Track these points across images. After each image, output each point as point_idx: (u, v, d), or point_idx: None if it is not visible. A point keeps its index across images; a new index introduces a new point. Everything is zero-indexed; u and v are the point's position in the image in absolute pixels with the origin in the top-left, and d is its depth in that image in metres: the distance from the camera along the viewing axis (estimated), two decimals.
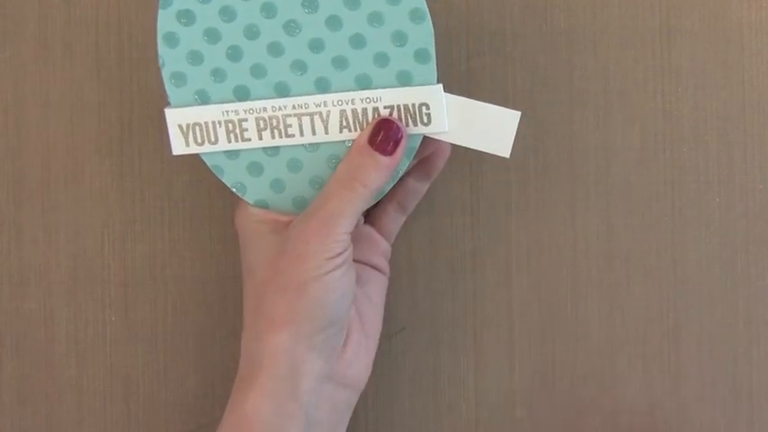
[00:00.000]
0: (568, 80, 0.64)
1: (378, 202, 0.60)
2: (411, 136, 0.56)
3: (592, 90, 0.64)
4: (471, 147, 0.57)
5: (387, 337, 0.64)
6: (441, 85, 0.56)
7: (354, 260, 0.57)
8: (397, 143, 0.56)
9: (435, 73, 0.56)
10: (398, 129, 0.56)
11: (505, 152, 0.56)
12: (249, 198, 0.58)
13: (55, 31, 0.65)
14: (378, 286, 0.61)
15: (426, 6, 0.55)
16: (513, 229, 0.65)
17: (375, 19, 0.55)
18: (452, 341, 0.65)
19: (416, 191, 0.61)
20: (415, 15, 0.55)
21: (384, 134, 0.56)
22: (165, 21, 0.56)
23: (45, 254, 0.65)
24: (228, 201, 0.64)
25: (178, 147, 0.57)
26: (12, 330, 0.65)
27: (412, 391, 0.65)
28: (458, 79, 0.64)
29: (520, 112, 0.56)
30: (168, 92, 0.57)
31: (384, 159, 0.55)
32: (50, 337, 0.65)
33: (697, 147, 0.64)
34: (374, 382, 0.62)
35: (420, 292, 0.65)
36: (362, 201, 0.55)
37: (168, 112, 0.57)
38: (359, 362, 0.58)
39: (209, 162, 0.58)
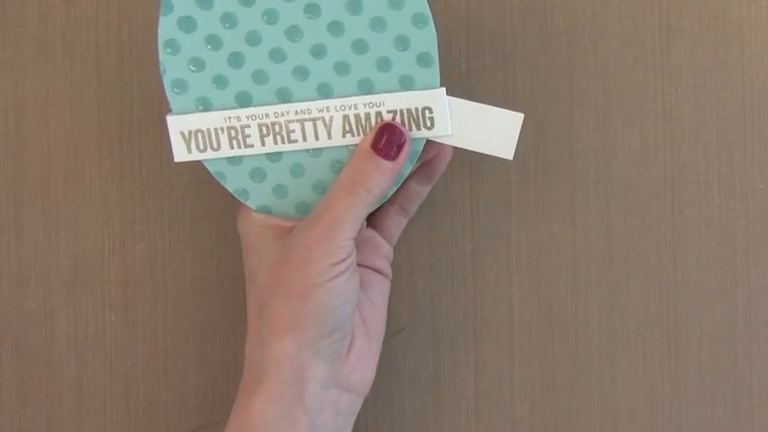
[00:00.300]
0: (568, 80, 0.64)
1: (380, 206, 0.60)
2: (414, 140, 0.56)
3: (592, 90, 0.64)
4: (474, 149, 0.57)
5: (387, 337, 0.64)
6: (444, 89, 0.56)
7: (357, 264, 0.57)
8: (400, 147, 0.56)
9: (438, 76, 0.56)
10: (401, 133, 0.56)
11: (509, 154, 0.56)
12: (252, 204, 0.58)
13: (55, 31, 0.65)
14: (380, 290, 0.60)
15: (429, 11, 0.55)
16: (513, 229, 0.65)
17: (377, 24, 0.55)
18: (452, 341, 0.65)
19: (418, 193, 0.61)
20: (417, 20, 0.55)
21: (387, 138, 0.56)
22: (167, 27, 0.56)
23: (45, 254, 0.65)
24: (229, 201, 0.64)
25: (180, 154, 0.57)
26: (12, 330, 0.65)
27: (412, 391, 0.65)
28: (458, 80, 0.64)
29: (523, 114, 0.56)
30: (170, 99, 0.57)
31: (387, 164, 0.55)
32: (50, 337, 0.65)
33: (697, 147, 0.64)
34: (374, 383, 0.61)
35: (420, 292, 0.65)
36: (366, 205, 0.55)
37: (170, 120, 0.56)
38: (363, 366, 0.58)
39: (211, 168, 0.57)
